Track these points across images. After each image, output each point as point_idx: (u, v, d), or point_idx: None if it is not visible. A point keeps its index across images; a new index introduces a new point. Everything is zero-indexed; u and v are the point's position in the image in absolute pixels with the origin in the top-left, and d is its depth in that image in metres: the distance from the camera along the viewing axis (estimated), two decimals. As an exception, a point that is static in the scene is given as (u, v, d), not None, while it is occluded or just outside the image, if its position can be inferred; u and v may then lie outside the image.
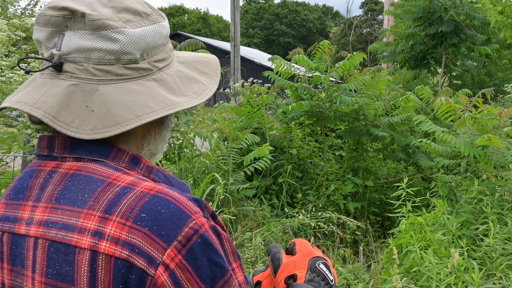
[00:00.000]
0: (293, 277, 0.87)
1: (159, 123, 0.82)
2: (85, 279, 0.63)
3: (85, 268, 0.63)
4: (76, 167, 0.71)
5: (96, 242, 0.63)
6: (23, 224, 0.70)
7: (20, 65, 0.79)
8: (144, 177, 0.72)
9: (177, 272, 0.62)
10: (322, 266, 0.89)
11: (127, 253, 0.62)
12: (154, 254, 0.62)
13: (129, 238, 0.62)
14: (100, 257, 0.62)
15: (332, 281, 0.88)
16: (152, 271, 0.61)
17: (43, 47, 0.74)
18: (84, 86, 0.71)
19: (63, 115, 0.70)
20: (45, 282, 0.66)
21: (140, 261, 0.61)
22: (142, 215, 0.63)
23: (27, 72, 0.76)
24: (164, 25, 0.80)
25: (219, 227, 0.68)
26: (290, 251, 0.95)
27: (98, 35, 0.71)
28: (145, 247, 0.62)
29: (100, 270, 0.62)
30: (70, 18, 0.71)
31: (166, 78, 0.76)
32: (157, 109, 0.72)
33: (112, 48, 0.71)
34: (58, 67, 0.72)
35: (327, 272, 0.89)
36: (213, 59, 0.89)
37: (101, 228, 0.63)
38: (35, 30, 0.75)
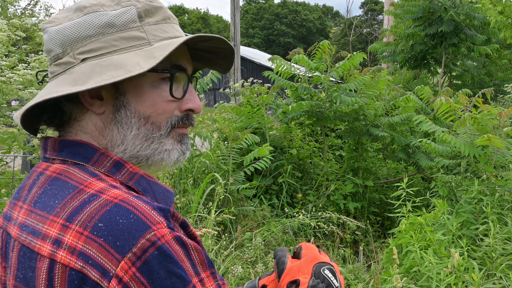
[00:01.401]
0: (295, 283, 0.85)
1: (111, 120, 0.77)
2: (43, 287, 0.62)
3: (44, 276, 0.62)
4: (59, 170, 0.72)
5: (55, 250, 0.62)
6: (12, 224, 0.72)
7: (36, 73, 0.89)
8: (117, 184, 0.70)
9: (132, 285, 0.59)
10: (327, 272, 0.86)
11: (82, 264, 0.60)
12: (108, 266, 0.60)
13: (84, 249, 0.61)
14: (57, 266, 0.61)
15: (338, 287, 0.85)
16: (106, 284, 0.59)
17: None
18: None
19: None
20: (14, 285, 0.66)
21: (94, 273, 0.60)
22: (100, 224, 0.61)
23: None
24: (102, 14, 0.76)
25: (185, 237, 0.65)
26: (296, 255, 0.92)
27: None
28: (99, 259, 0.60)
29: (56, 280, 0.61)
30: None
31: (77, 70, 0.73)
32: (34, 101, 0.72)
33: (44, 48, 0.77)
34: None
35: (332, 278, 0.86)
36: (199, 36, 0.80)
37: (61, 236, 0.63)
38: None
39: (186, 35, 0.79)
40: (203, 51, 0.87)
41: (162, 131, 0.78)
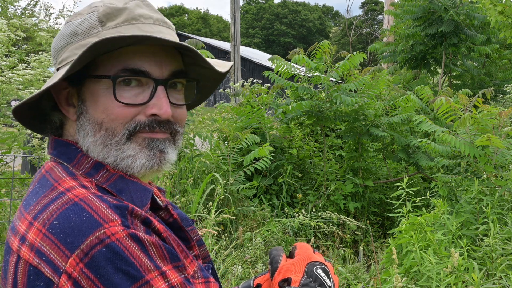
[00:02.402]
0: (287, 281, 0.85)
1: (77, 126, 0.78)
2: (11, 280, 0.66)
3: (12, 269, 0.66)
4: (48, 168, 0.76)
5: (20, 246, 0.65)
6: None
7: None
8: (89, 185, 0.71)
9: (81, 281, 0.61)
10: (320, 271, 0.86)
11: (38, 260, 0.63)
12: (58, 262, 0.62)
13: (41, 246, 0.63)
14: (21, 262, 0.65)
15: (330, 287, 0.85)
16: (57, 280, 0.61)
17: None
18: None
19: None
20: (1, 275, 0.71)
21: (47, 269, 0.62)
22: (55, 222, 0.64)
23: None
24: (71, 24, 0.77)
25: (141, 234, 0.65)
26: (291, 255, 0.93)
27: None
28: (52, 255, 0.62)
29: (19, 274, 0.64)
30: None
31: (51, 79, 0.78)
32: (18, 103, 0.77)
33: None
34: None
35: (325, 277, 0.85)
36: None
37: (26, 233, 0.66)
38: None
39: (163, 38, 0.72)
40: (183, 48, 0.80)
41: (118, 137, 0.75)
